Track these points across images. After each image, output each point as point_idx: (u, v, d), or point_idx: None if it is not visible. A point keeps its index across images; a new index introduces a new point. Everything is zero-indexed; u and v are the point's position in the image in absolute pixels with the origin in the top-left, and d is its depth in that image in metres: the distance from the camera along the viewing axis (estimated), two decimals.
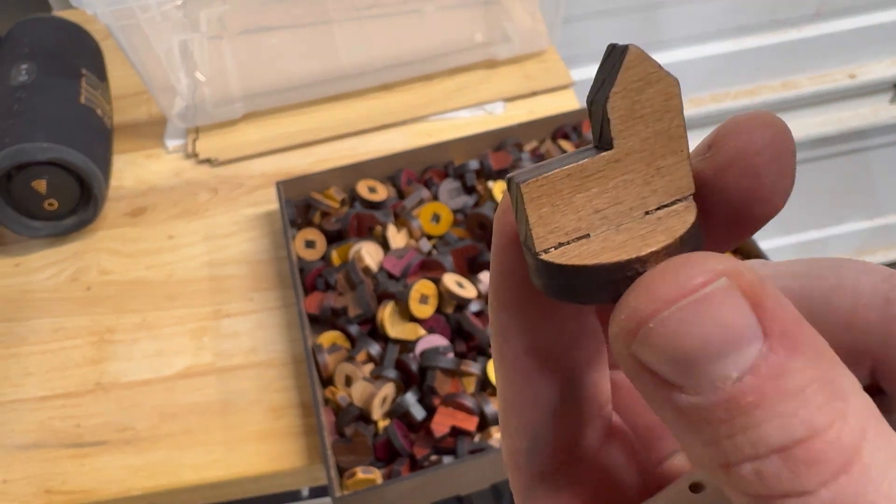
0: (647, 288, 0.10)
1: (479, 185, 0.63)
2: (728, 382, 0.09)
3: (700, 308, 0.09)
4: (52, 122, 0.62)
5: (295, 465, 0.50)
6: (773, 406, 0.09)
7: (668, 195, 0.11)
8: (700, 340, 0.09)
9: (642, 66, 0.11)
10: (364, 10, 0.75)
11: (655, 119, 0.11)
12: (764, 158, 0.11)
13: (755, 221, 0.12)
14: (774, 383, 0.09)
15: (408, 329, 0.54)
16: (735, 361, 0.09)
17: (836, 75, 1.18)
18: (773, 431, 0.09)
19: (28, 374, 0.57)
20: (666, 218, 0.11)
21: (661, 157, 0.11)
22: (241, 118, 0.75)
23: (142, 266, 0.64)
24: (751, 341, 0.09)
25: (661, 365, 0.10)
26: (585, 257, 0.11)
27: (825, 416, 0.09)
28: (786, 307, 0.10)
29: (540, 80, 0.76)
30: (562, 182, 0.11)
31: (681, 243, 0.11)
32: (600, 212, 0.11)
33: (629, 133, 0.11)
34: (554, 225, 0.11)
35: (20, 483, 0.51)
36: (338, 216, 0.62)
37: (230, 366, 0.56)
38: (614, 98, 0.11)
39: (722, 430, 0.09)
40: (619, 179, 0.11)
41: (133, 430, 0.53)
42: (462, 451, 0.48)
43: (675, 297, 0.10)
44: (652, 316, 0.10)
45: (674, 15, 1.06)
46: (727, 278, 0.09)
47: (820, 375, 0.09)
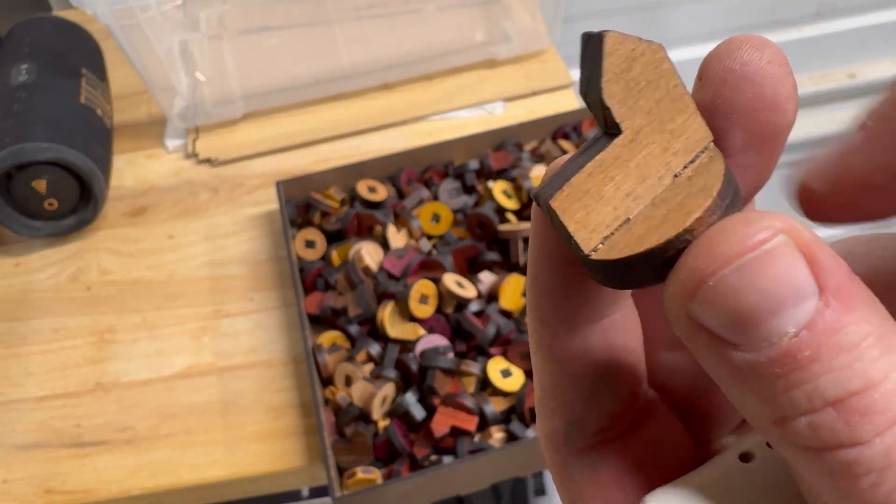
0: (707, 247, 0.10)
1: (479, 185, 0.63)
2: (785, 338, 0.10)
3: (761, 264, 0.10)
4: (52, 122, 0.62)
5: (295, 465, 0.50)
6: (830, 360, 0.09)
7: (690, 151, 0.11)
8: (760, 296, 0.09)
9: (622, 46, 0.11)
10: (364, 10, 0.75)
11: (653, 88, 0.11)
12: (753, 67, 0.11)
13: (773, 131, 0.12)
14: (830, 338, 0.09)
15: (408, 329, 0.54)
16: (792, 317, 0.09)
17: (836, 75, 1.18)
18: (829, 385, 0.09)
19: (28, 374, 0.57)
20: (696, 176, 0.11)
21: (671, 120, 0.11)
22: (241, 118, 0.75)
23: (142, 266, 0.64)
24: (808, 297, 0.10)
25: (719, 323, 0.10)
26: (634, 245, 0.11)
27: (880, 368, 0.09)
28: (840, 264, 0.10)
29: (540, 80, 0.76)
30: (586, 183, 0.11)
31: (720, 199, 0.11)
32: (632, 193, 0.11)
33: (633, 111, 0.11)
34: (593, 224, 0.11)
35: (20, 483, 0.51)
36: (338, 216, 0.62)
37: (230, 366, 0.56)
38: (607, 86, 0.11)
39: (778, 385, 0.10)
40: (639, 157, 0.11)
41: (133, 430, 0.53)
42: (462, 451, 0.48)
43: (736, 254, 0.10)
44: (713, 274, 0.10)
45: (674, 15, 1.06)
46: (786, 235, 0.10)
47: (874, 330, 0.10)
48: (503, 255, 0.58)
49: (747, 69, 0.11)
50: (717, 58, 0.12)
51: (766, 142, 0.12)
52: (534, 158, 0.65)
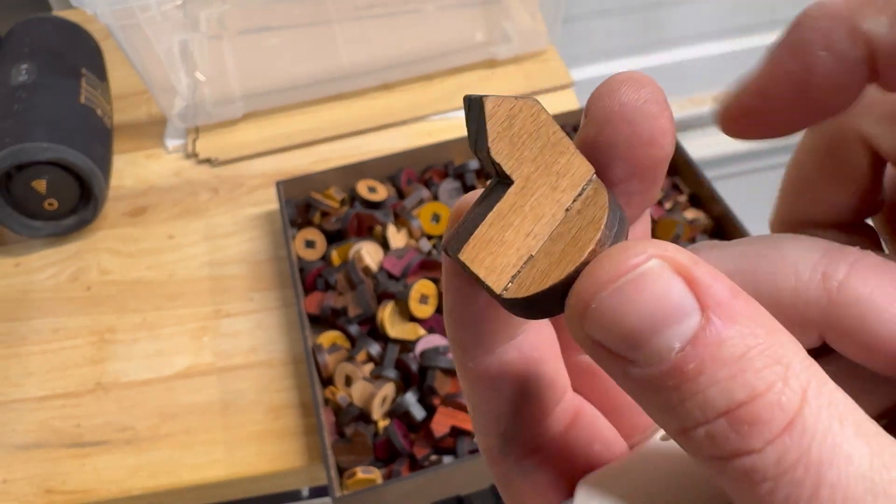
0: (588, 275, 0.11)
1: (479, 185, 0.63)
2: (672, 353, 0.10)
3: (634, 286, 0.10)
4: (52, 122, 0.62)
5: (295, 465, 0.50)
6: (714, 372, 0.10)
7: (576, 186, 0.12)
8: (639, 316, 0.10)
9: (501, 107, 0.12)
10: (364, 10, 0.75)
11: (534, 139, 0.12)
12: (628, 108, 0.12)
13: (652, 163, 0.13)
14: (713, 351, 0.10)
15: (408, 329, 0.54)
16: (676, 334, 0.10)
17: None
18: (717, 396, 0.10)
19: (28, 374, 0.57)
20: (584, 209, 0.12)
21: (555, 162, 0.12)
22: (241, 118, 0.75)
23: (142, 266, 0.64)
24: (688, 314, 0.10)
25: (611, 341, 0.11)
26: (539, 282, 0.12)
27: (764, 379, 0.10)
28: (720, 282, 0.10)
29: (540, 80, 0.76)
30: (488, 233, 0.12)
31: (608, 229, 0.12)
32: (531, 233, 0.12)
33: (519, 162, 0.12)
34: (500, 266, 0.12)
35: (20, 483, 0.51)
36: (338, 216, 0.62)
37: (230, 366, 0.56)
38: (493, 145, 0.12)
39: (673, 397, 0.10)
40: (532, 200, 0.12)
41: (133, 430, 0.53)
42: (462, 451, 0.48)
43: (611, 278, 0.11)
44: (594, 297, 0.11)
45: (674, 15, 1.06)
46: (659, 259, 0.11)
47: (759, 342, 0.10)
48: None
49: (625, 110, 0.12)
50: (599, 98, 0.13)
51: (646, 172, 0.13)
52: None
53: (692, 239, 0.57)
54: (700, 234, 0.58)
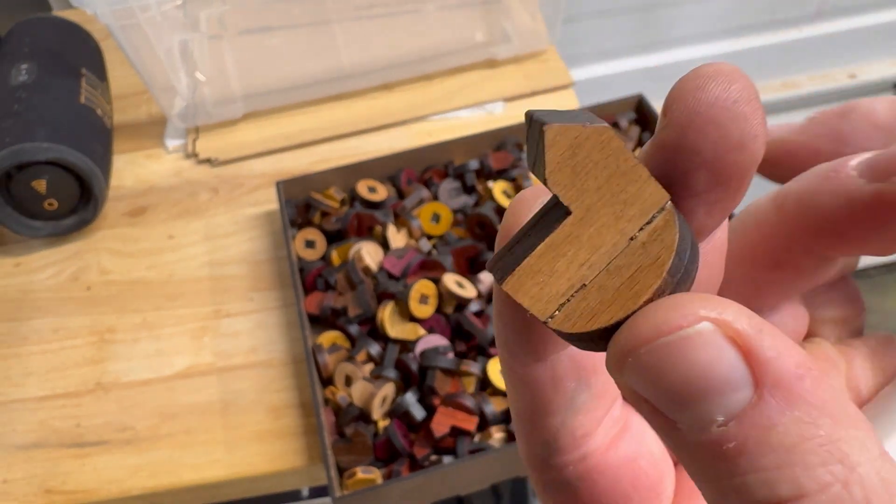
0: (633, 325, 0.10)
1: (479, 185, 0.63)
2: (713, 425, 0.09)
3: (676, 348, 0.10)
4: (52, 121, 0.62)
5: (295, 465, 0.50)
6: (757, 458, 0.09)
7: (645, 214, 0.11)
8: (681, 378, 0.10)
9: (564, 137, 0.11)
10: (364, 10, 0.75)
11: (601, 168, 0.11)
12: (717, 108, 0.11)
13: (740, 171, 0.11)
14: (760, 434, 0.09)
15: (408, 329, 0.54)
16: (721, 405, 0.09)
17: (836, 75, 1.18)
18: (757, 484, 0.09)
19: (28, 374, 0.57)
20: (650, 243, 0.11)
21: (623, 191, 0.11)
22: (241, 118, 0.75)
23: (142, 266, 0.64)
24: (738, 388, 0.09)
25: (652, 396, 0.10)
26: (587, 321, 0.11)
27: (816, 478, 0.09)
28: (787, 357, 0.09)
29: (540, 80, 0.76)
30: (537, 264, 0.11)
31: (670, 276, 0.11)
32: (586, 263, 0.11)
33: (581, 192, 0.11)
34: (548, 295, 0.11)
35: (20, 483, 0.51)
36: (338, 216, 0.62)
37: (230, 366, 0.56)
38: (551, 176, 0.11)
39: (710, 471, 0.10)
40: (592, 230, 0.11)
41: (133, 430, 0.53)
42: (462, 451, 0.48)
43: (654, 336, 0.10)
44: (633, 351, 0.10)
45: (674, 15, 1.06)
46: (712, 323, 0.10)
47: (820, 433, 0.09)
48: None
49: (713, 111, 0.11)
50: (682, 96, 0.11)
51: (732, 180, 0.12)
52: None
53: None
54: None
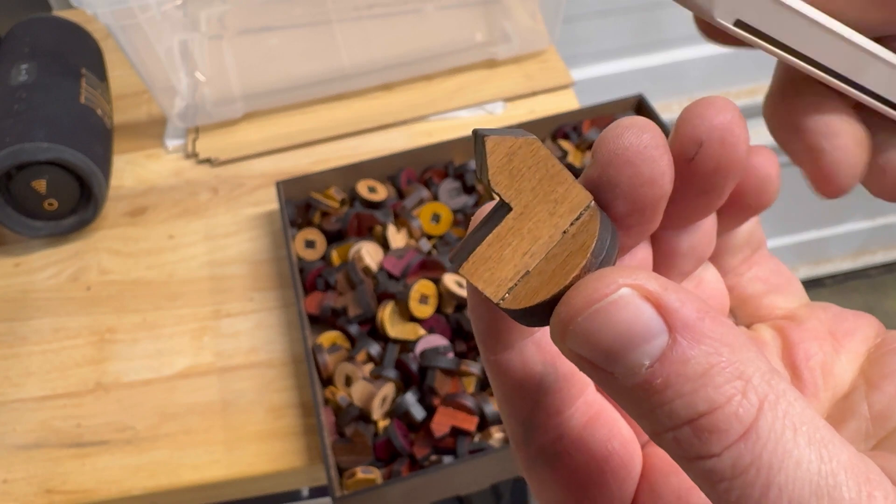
0: (566, 300, 0.13)
1: (479, 185, 0.63)
2: (642, 369, 0.12)
3: (606, 312, 0.12)
4: (52, 121, 0.62)
5: (295, 465, 0.50)
6: (680, 387, 0.12)
7: (573, 212, 0.14)
8: (612, 336, 0.12)
9: (501, 146, 0.13)
10: (364, 10, 0.75)
11: (533, 171, 0.14)
12: (633, 151, 0.14)
13: (651, 201, 0.14)
14: (678, 368, 0.12)
15: (408, 329, 0.54)
16: (645, 352, 0.12)
17: None
18: (682, 407, 0.12)
19: (28, 374, 0.57)
20: (577, 234, 0.14)
21: (553, 191, 0.14)
22: (241, 118, 0.75)
23: (142, 266, 0.64)
24: (656, 335, 0.12)
25: (590, 355, 0.12)
26: (530, 297, 0.13)
27: (724, 393, 0.11)
28: (688, 305, 0.12)
29: (540, 80, 0.76)
30: (487, 251, 0.14)
31: (594, 257, 0.13)
32: (528, 251, 0.14)
33: (519, 192, 0.14)
34: (498, 279, 0.14)
35: (21, 483, 0.51)
36: (338, 216, 0.62)
37: (230, 366, 0.56)
38: (493, 178, 0.13)
39: (644, 406, 0.12)
40: (530, 224, 0.14)
41: (133, 430, 0.53)
42: (462, 451, 0.48)
43: (585, 305, 0.12)
44: (572, 320, 0.12)
45: (674, 15, 1.06)
46: (629, 287, 0.12)
47: (721, 360, 0.12)
48: None
49: (628, 154, 0.14)
50: (604, 141, 0.14)
51: (645, 208, 0.14)
52: None
53: None
54: None
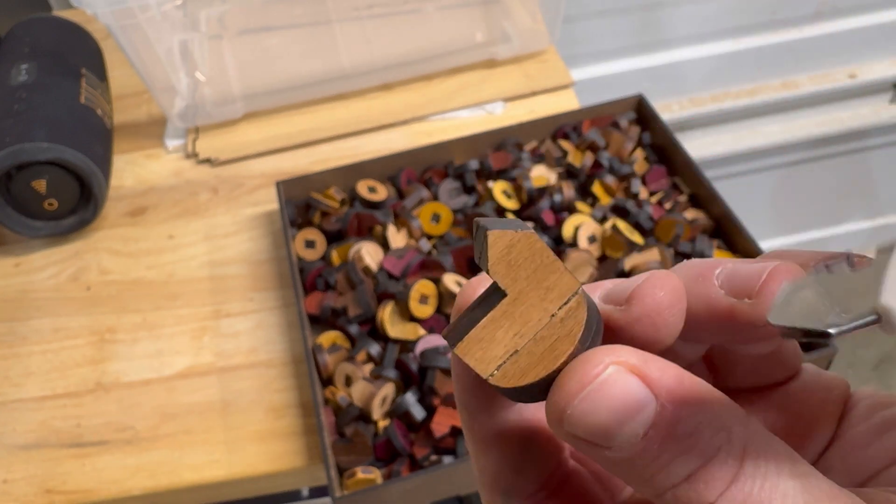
0: (560, 386, 0.13)
1: (479, 185, 0.63)
2: (638, 438, 0.13)
3: (598, 391, 0.13)
4: (52, 122, 0.62)
5: (295, 465, 0.50)
6: (675, 448, 0.12)
7: (563, 297, 0.15)
8: (607, 413, 0.13)
9: (501, 240, 0.14)
10: (364, 10, 0.75)
11: (529, 262, 0.14)
12: (663, 316, 0.15)
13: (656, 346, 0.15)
14: (671, 430, 0.13)
15: (408, 329, 0.54)
16: (639, 421, 0.13)
17: (836, 75, 1.18)
18: (679, 466, 0.12)
19: (28, 374, 0.57)
20: (566, 318, 0.14)
21: (546, 279, 0.15)
22: (242, 118, 0.75)
23: (142, 266, 0.64)
24: (646, 405, 0.13)
25: (588, 435, 0.13)
26: (520, 377, 0.14)
27: (712, 445, 0.12)
28: (668, 372, 0.13)
29: (540, 80, 0.76)
30: (482, 332, 0.14)
31: (581, 344, 0.14)
32: (518, 333, 0.15)
33: (514, 280, 0.14)
34: (489, 357, 0.14)
35: (21, 483, 0.51)
36: (338, 216, 0.62)
37: (230, 366, 0.56)
38: (493, 268, 0.14)
39: (645, 473, 0.13)
40: (522, 308, 0.15)
41: (133, 430, 0.53)
42: (462, 451, 0.48)
43: (580, 387, 0.13)
44: (568, 405, 0.13)
45: (674, 15, 1.06)
46: (615, 365, 0.13)
47: (704, 416, 0.13)
48: None
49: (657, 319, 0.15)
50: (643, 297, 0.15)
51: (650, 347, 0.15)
52: (534, 158, 0.65)
53: (692, 239, 0.57)
54: (700, 234, 0.58)
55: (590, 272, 0.54)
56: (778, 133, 1.19)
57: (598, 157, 0.64)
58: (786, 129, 1.19)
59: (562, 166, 0.64)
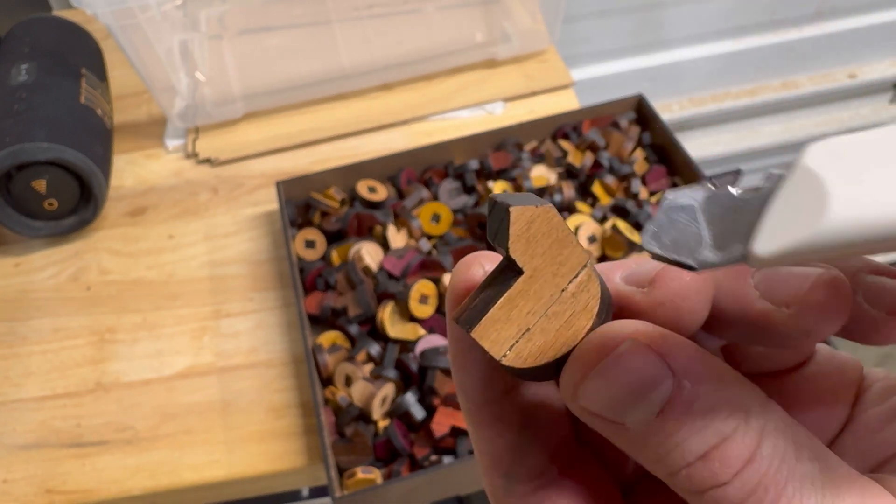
0: (576, 359, 0.13)
1: (479, 185, 0.63)
2: (654, 415, 0.12)
3: (615, 365, 0.13)
4: (52, 122, 0.62)
5: (295, 465, 0.50)
6: (691, 425, 0.12)
7: (573, 271, 0.14)
8: (623, 389, 0.13)
9: (523, 216, 0.14)
10: (364, 10, 0.75)
11: (545, 236, 0.14)
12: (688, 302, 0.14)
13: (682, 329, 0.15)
14: (688, 408, 0.12)
15: (408, 329, 0.54)
16: (655, 397, 0.12)
17: (836, 75, 1.18)
18: (695, 444, 0.12)
19: (29, 374, 0.57)
20: (579, 293, 0.14)
21: (559, 254, 0.14)
22: (241, 118, 0.75)
23: (142, 266, 0.64)
24: (663, 380, 0.13)
25: (602, 410, 0.13)
26: (536, 357, 0.14)
27: (729, 424, 0.12)
28: (687, 349, 0.13)
29: (540, 80, 0.76)
30: (498, 314, 0.14)
31: (598, 318, 0.14)
32: (531, 311, 0.14)
33: (531, 256, 0.14)
34: (503, 338, 0.14)
35: (21, 483, 0.51)
36: (338, 216, 0.62)
37: (230, 366, 0.56)
38: (513, 246, 0.14)
39: (660, 450, 0.13)
40: (536, 286, 0.14)
41: (133, 430, 0.53)
42: (462, 451, 0.48)
43: (596, 361, 0.13)
44: (583, 379, 0.13)
45: (674, 15, 1.06)
46: (632, 339, 0.13)
47: (722, 395, 0.12)
48: None
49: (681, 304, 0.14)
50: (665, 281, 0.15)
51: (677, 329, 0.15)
52: (534, 158, 0.65)
53: None
54: None
55: None
56: (778, 133, 1.19)
57: (598, 157, 0.64)
58: (786, 129, 1.19)
59: (562, 166, 0.64)
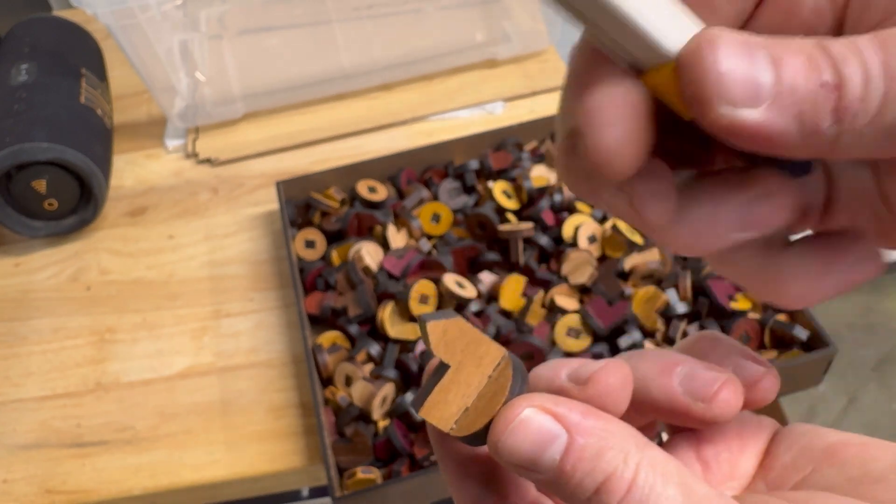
0: (493, 427, 0.17)
1: (479, 185, 0.63)
2: (556, 462, 0.16)
3: (518, 429, 0.17)
4: (52, 121, 0.62)
5: (295, 465, 0.50)
6: (584, 468, 0.16)
7: (494, 362, 0.19)
8: (527, 443, 0.17)
9: (438, 327, 0.19)
10: (364, 10, 0.75)
11: (460, 338, 0.19)
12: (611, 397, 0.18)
13: None
14: (579, 455, 0.16)
15: (408, 329, 0.54)
16: (555, 450, 0.16)
17: None
18: (588, 482, 0.16)
19: (29, 374, 0.57)
20: (499, 377, 0.18)
21: (477, 350, 0.19)
22: (241, 118, 0.75)
23: (142, 266, 0.64)
24: (558, 436, 0.16)
25: (517, 462, 0.17)
26: (469, 427, 0.18)
27: (611, 464, 0.16)
28: (575, 410, 0.17)
29: (540, 80, 0.76)
30: (436, 397, 0.18)
31: (510, 393, 0.18)
32: (465, 394, 0.18)
33: (453, 354, 0.19)
34: (447, 415, 0.18)
35: (21, 483, 0.51)
36: (338, 216, 0.62)
37: (230, 366, 0.56)
38: (435, 349, 0.18)
39: (567, 489, 0.16)
40: (465, 374, 0.19)
41: (133, 430, 0.53)
42: None
43: (504, 427, 0.17)
44: (497, 440, 0.17)
45: None
46: (532, 408, 0.17)
47: (606, 442, 0.16)
48: (503, 255, 0.58)
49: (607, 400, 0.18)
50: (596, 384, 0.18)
51: None
52: (534, 158, 0.65)
53: None
54: None
55: (590, 272, 0.54)
56: None
57: None
58: None
59: None
